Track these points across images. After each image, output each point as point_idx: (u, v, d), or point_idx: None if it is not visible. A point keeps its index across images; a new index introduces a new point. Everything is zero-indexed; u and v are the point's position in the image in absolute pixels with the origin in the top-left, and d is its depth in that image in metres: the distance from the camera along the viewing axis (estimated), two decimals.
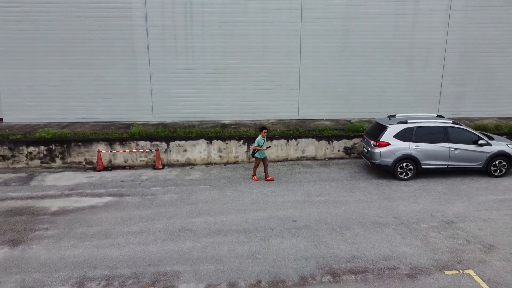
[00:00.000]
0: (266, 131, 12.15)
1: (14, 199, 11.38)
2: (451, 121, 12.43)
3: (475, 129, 14.83)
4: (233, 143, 14.14)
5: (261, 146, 12.05)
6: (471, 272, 7.77)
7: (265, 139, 12.31)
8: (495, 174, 12.39)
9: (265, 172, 12.44)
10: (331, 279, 7.57)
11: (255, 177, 12.50)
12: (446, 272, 7.79)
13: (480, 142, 12.19)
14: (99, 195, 11.61)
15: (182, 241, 9.00)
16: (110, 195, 11.60)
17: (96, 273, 7.82)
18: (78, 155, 13.92)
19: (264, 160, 12.34)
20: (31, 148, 13.79)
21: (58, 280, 7.64)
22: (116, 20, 15.12)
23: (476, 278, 7.58)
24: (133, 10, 15.10)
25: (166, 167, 14.00)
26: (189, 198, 11.34)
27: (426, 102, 16.72)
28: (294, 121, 16.33)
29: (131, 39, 15.37)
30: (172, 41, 15.50)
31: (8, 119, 15.85)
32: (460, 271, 7.81)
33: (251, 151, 12.45)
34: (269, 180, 12.39)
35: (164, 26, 15.35)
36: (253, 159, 12.96)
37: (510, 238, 8.95)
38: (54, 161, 13.92)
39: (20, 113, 15.78)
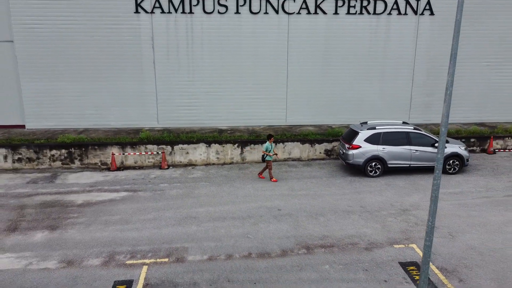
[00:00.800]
0: (273, 138, 14.33)
1: (45, 194, 13.51)
2: (413, 127, 14.75)
3: (438, 134, 17.14)
4: (229, 146, 16.36)
5: (269, 152, 14.12)
6: (414, 245, 10.03)
7: (273, 145, 14.35)
8: (450, 172, 14.70)
9: (269, 174, 14.46)
10: (305, 252, 9.79)
11: (274, 179, 14.29)
12: (395, 246, 10.04)
13: (436, 144, 14.50)
14: (116, 190, 13.78)
15: (188, 225, 11.19)
16: (125, 190, 13.77)
17: (122, 249, 9.99)
18: (94, 157, 16.06)
19: (269, 162, 14.34)
20: (53, 151, 15.91)
21: (93, 254, 9.80)
22: (126, 40, 17.31)
23: (417, 249, 9.84)
24: (141, 31, 17.30)
25: (171, 167, 16.18)
26: (192, 192, 13.53)
27: (398, 110, 19.03)
28: (282, 126, 18.58)
29: (140, 56, 17.57)
30: (175, 58, 17.71)
31: (30, 125, 17.95)
32: (406, 245, 10.07)
33: (265, 156, 14.08)
34: (274, 181, 14.30)
35: (168, 45, 17.56)
36: (264, 163, 14.77)
37: (449, 221, 11.23)
38: (73, 163, 16.05)
39: (41, 120, 17.89)
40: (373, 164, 14.45)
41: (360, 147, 14.37)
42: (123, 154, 16.03)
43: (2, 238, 10.57)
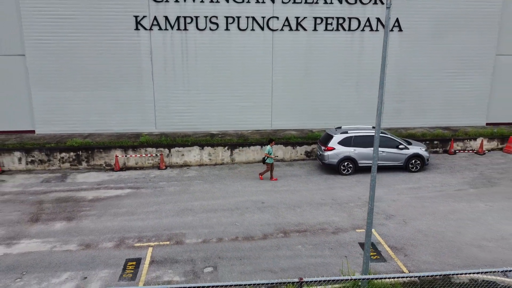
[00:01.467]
0: (274, 142, 16.35)
1: (58, 191, 15.43)
2: (380, 131, 16.90)
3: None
4: (220, 149, 18.39)
5: (270, 154, 16.12)
6: (373, 230, 12.14)
7: (272, 148, 16.30)
8: (412, 170, 16.89)
9: (270, 174, 16.45)
10: (283, 235, 11.86)
11: (275, 178, 16.26)
12: (357, 230, 12.14)
13: (400, 146, 16.70)
14: (121, 188, 15.73)
15: (185, 216, 13.19)
16: (129, 188, 15.73)
17: (130, 235, 11.97)
18: (99, 159, 17.99)
19: (272, 165, 16.38)
20: (63, 154, 17.81)
21: (106, 239, 11.76)
22: (127, 54, 19.29)
23: (375, 233, 11.94)
24: (141, 46, 19.29)
25: (168, 167, 18.16)
26: (188, 189, 15.53)
27: (372, 115, 21.19)
28: (268, 131, 20.66)
29: (139, 68, 19.55)
30: (171, 69, 19.73)
31: (40, 131, 19.81)
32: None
33: (266, 158, 16.07)
34: (274, 180, 16.30)
35: (165, 58, 19.58)
36: (264, 165, 16.52)
37: (405, 211, 13.38)
38: (81, 164, 17.97)
39: (49, 126, 19.76)
40: (346, 163, 16.58)
41: (334, 149, 16.50)
42: (126, 156, 17.99)
43: (28, 228, 12.49)
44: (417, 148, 16.96)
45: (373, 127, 17.60)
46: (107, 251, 11.07)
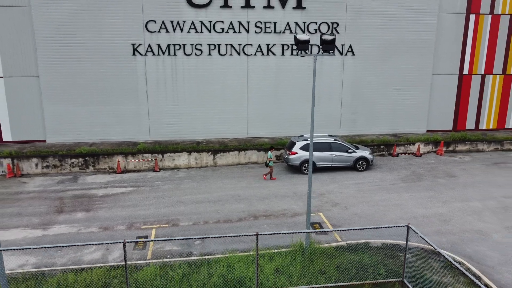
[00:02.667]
0: (273, 149, 20.14)
1: (73, 190, 19.01)
2: (333, 139, 21.04)
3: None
4: (204, 154, 22.23)
5: (271, 158, 19.92)
6: (321, 214, 16.16)
7: (272, 154, 20.08)
8: (359, 169, 21.06)
9: (270, 174, 20.29)
10: (253, 219, 15.76)
11: (274, 177, 20.14)
12: (310, 214, 16.14)
13: (349, 151, 20.86)
14: (124, 186, 19.41)
15: (178, 206, 16.98)
16: (131, 186, 19.42)
17: (137, 220, 15.69)
18: (104, 164, 21.60)
19: (271, 167, 20.20)
20: (73, 160, 21.36)
21: (119, 223, 15.46)
22: (126, 75, 22.98)
23: (323, 216, 15.95)
24: (137, 68, 23.03)
25: (162, 170, 21.90)
26: (179, 187, 19.32)
27: (332, 124, 25.39)
28: (245, 138, 24.61)
29: (136, 87, 23.26)
30: (163, 88, 23.51)
31: (50, 140, 23.27)
32: (316, 213, 16.19)
33: (269, 161, 20.00)
34: (273, 179, 20.11)
35: (158, 78, 23.35)
36: (267, 168, 20.56)
37: (348, 200, 17.47)
38: (88, 168, 21.55)
39: (59, 136, 23.25)
40: (306, 165, 20.64)
41: (297, 153, 20.54)
42: (126, 161, 21.66)
43: (55, 217, 16.08)
44: (363, 152, 21.16)
45: (329, 135, 21.78)
46: (121, 232, 14.79)
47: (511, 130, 27.54)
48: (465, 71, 26.25)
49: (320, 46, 11.92)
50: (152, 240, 10.36)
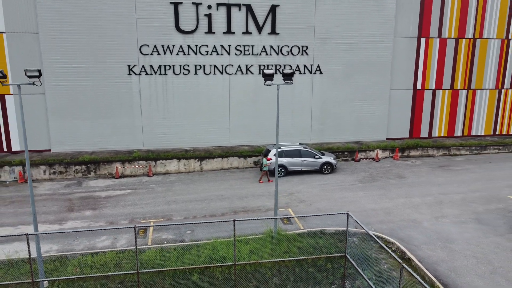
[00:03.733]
0: (269, 158, 23.45)
1: (79, 192, 22.11)
2: (303, 147, 24.65)
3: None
4: (192, 160, 25.57)
5: (266, 164, 23.27)
6: (289, 209, 19.67)
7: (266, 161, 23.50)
8: (324, 172, 24.69)
9: (267, 177, 23.59)
10: (234, 213, 19.17)
11: (270, 180, 23.56)
12: (280, 209, 19.63)
13: (316, 157, 24.48)
14: (124, 189, 22.60)
15: (171, 205, 20.27)
16: (129, 189, 22.62)
17: (137, 216, 18.93)
18: (104, 170, 24.73)
19: (266, 172, 23.53)
20: (77, 166, 24.44)
21: (122, 218, 18.67)
22: (122, 92, 26.22)
23: (290, 210, 19.47)
24: (132, 86, 26.29)
25: (155, 175, 25.14)
26: (171, 189, 22.60)
27: (303, 134, 29.01)
28: (227, 146, 28.04)
29: (131, 102, 26.51)
30: (155, 103, 26.82)
31: (54, 150, 26.28)
32: (285, 208, 19.70)
33: (264, 166, 23.39)
34: (270, 181, 23.48)
35: (150, 95, 26.66)
36: (261, 171, 24.02)
37: (313, 198, 21.04)
38: (90, 174, 24.65)
39: (62, 146, 26.28)
40: (280, 169, 24.17)
41: (271, 159, 24.06)
42: (123, 167, 24.85)
43: (68, 214, 19.21)
44: (328, 158, 24.83)
45: (300, 143, 25.40)
46: (124, 225, 18.01)
47: (459, 137, 31.65)
48: (419, 87, 30.29)
49: (282, 77, 15.38)
50: (153, 226, 13.74)
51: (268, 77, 15.16)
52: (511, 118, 32.37)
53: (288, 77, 15.27)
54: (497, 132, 32.35)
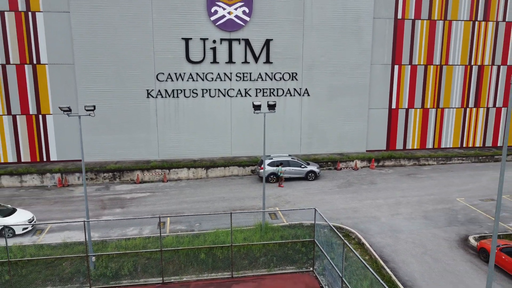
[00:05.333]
0: (282, 164, 28.56)
1: (108, 195, 27.28)
2: (291, 157, 29.70)
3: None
4: (199, 169, 30.69)
5: (281, 171, 28.37)
6: (277, 208, 24.69)
7: (281, 168, 28.60)
8: (309, 179, 29.67)
9: (281, 182, 28.68)
10: (232, 211, 24.18)
11: (282, 185, 28.66)
12: (270, 208, 24.65)
13: (302, 166, 29.52)
14: (144, 192, 27.76)
15: (183, 204, 25.38)
16: (148, 192, 27.78)
17: (156, 212, 24.04)
18: (127, 176, 29.93)
19: (281, 178, 28.64)
20: (104, 174, 29.66)
21: (145, 214, 23.79)
22: (141, 112, 31.52)
23: (278, 211, 24.50)
24: (150, 107, 31.61)
25: (169, 181, 30.28)
26: (182, 192, 27.71)
27: (294, 146, 34.06)
28: (229, 157, 33.17)
29: (149, 120, 31.78)
30: (168, 121, 32.08)
31: (85, 160, 31.45)
32: (274, 207, 24.72)
33: (280, 173, 28.57)
34: (281, 186, 28.54)
35: (164, 114, 31.93)
36: (276, 177, 29.05)
37: (297, 199, 26.00)
38: (115, 180, 29.86)
39: (91, 156, 31.54)
40: (271, 176, 29.22)
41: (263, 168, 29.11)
42: (143, 174, 30.05)
43: (102, 211, 24.36)
44: (313, 167, 29.85)
45: (289, 155, 30.49)
46: (147, 219, 23.11)
47: (430, 149, 36.53)
48: (393, 106, 35.31)
49: (268, 107, 20.50)
50: (171, 216, 18.73)
51: (256, 108, 20.30)
52: (476, 132, 37.24)
53: (272, 107, 20.41)
54: (464, 145, 37.22)
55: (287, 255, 19.48)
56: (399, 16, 33.73)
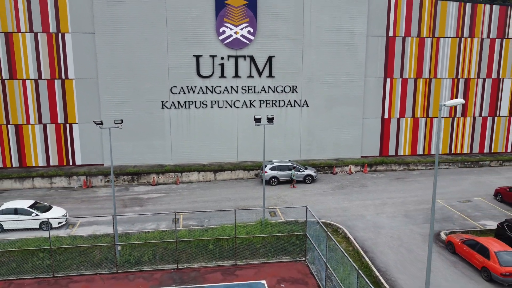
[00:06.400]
0: (295, 168, 32.13)
1: (128, 195, 30.92)
2: (291, 162, 33.10)
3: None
4: (208, 172, 34.23)
5: (294, 174, 31.92)
6: (277, 207, 28.08)
7: (294, 171, 32.14)
8: (307, 182, 33.01)
9: (293, 183, 32.19)
10: (237, 208, 27.62)
11: (295, 186, 32.13)
12: (270, 207, 28.05)
13: (301, 170, 32.89)
14: (159, 193, 31.36)
15: (194, 203, 28.90)
16: (163, 192, 31.37)
17: (170, 210, 27.56)
18: (144, 179, 33.57)
19: (294, 180, 32.15)
20: (124, 176, 33.33)
21: (161, 211, 27.33)
22: (156, 121, 35.19)
23: (277, 209, 27.87)
24: (164, 117, 35.27)
25: (181, 183, 33.85)
26: (193, 193, 31.24)
27: (295, 152, 37.42)
28: (235, 162, 36.64)
29: (163, 129, 35.45)
30: (181, 129, 35.70)
31: (106, 164, 35.27)
32: (274, 207, 28.11)
33: (293, 176, 32.16)
34: (294, 187, 32.01)
35: (177, 123, 35.57)
36: (289, 178, 32.54)
37: (295, 200, 29.34)
38: (134, 182, 33.52)
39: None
40: (273, 179, 32.62)
41: (267, 172, 32.53)
42: (158, 177, 33.66)
43: (123, 209, 27.95)
44: (310, 171, 33.19)
45: (289, 160, 33.89)
46: (163, 216, 26.65)
47: (421, 155, 39.62)
48: (386, 116, 38.53)
49: (267, 120, 23.93)
50: (184, 213, 22.23)
51: (257, 120, 23.77)
52: (463, 139, 40.26)
53: (270, 120, 23.86)
54: (452, 151, 40.25)
55: (283, 247, 22.82)
56: (391, 34, 37.01)
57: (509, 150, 40.94)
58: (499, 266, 18.60)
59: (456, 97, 39.26)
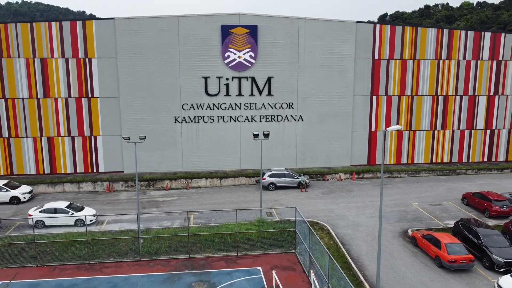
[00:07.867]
0: (304, 174, 36.97)
1: (145, 198, 35.91)
2: (286, 170, 37.89)
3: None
4: (215, 179, 39.12)
5: (303, 180, 36.76)
6: (273, 209, 32.87)
7: (303, 177, 36.95)
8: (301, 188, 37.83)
9: (304, 188, 36.96)
10: (239, 209, 32.48)
11: (304, 190, 36.96)
12: (267, 209, 32.83)
13: (295, 177, 37.66)
14: (172, 196, 36.30)
15: (202, 205, 33.77)
16: (176, 196, 36.30)
17: (184, 211, 32.48)
18: (158, 184, 38.55)
19: (303, 184, 36.98)
20: (141, 182, 38.34)
21: (175, 210, 32.25)
22: (169, 133, 40.25)
23: (274, 210, 32.65)
24: (176, 130, 40.31)
25: (191, 188, 38.75)
26: (202, 197, 36.13)
27: (291, 161, 42.22)
28: (238, 170, 41.51)
29: (175, 141, 40.47)
30: (191, 140, 40.72)
31: (126, 171, 40.31)
32: (270, 208, 32.89)
33: (303, 181, 37.02)
34: (305, 191, 36.80)
35: (188, 135, 40.59)
36: (301, 185, 37.43)
37: (289, 203, 34.08)
38: (150, 187, 38.51)
39: (130, 168, 40.30)
40: (271, 185, 37.43)
41: (266, 179, 37.34)
42: (171, 183, 38.63)
43: (142, 210, 32.91)
44: (303, 178, 37.96)
45: (285, 168, 38.72)
46: (177, 215, 31.55)
47: (405, 164, 44.21)
48: (373, 129, 43.26)
49: (263, 135, 28.81)
50: (194, 212, 27.10)
51: (255, 136, 28.68)
52: (443, 150, 44.80)
53: (266, 135, 28.76)
54: (433, 161, 44.81)
55: (276, 241, 27.55)
56: (376, 57, 41.86)
57: (485, 159, 45.42)
58: (447, 255, 23.22)
59: (436, 113, 43.94)
